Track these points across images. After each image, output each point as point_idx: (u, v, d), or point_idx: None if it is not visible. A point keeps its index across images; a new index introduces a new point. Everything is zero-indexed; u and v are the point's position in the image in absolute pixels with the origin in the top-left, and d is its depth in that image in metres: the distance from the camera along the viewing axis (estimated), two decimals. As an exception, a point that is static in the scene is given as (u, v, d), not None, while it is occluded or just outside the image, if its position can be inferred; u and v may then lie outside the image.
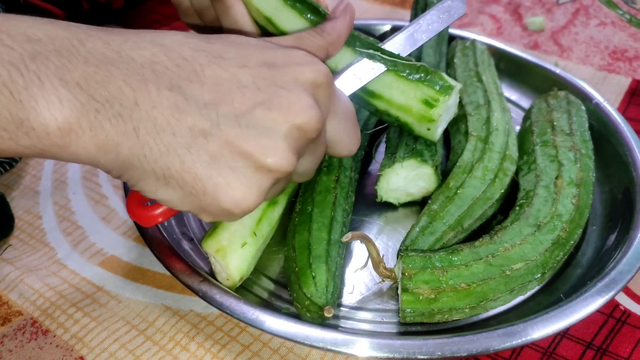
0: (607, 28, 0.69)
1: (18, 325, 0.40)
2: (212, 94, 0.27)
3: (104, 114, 0.26)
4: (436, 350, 0.32)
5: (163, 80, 0.27)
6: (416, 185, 0.44)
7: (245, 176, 0.28)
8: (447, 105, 0.41)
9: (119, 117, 0.26)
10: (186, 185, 0.27)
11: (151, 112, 0.26)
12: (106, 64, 0.26)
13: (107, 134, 0.26)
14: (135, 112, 0.26)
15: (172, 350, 0.38)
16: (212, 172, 0.27)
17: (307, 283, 0.35)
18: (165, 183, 0.28)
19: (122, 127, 0.26)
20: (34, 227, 0.48)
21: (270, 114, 0.28)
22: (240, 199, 0.28)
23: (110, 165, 0.27)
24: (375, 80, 0.41)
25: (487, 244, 0.37)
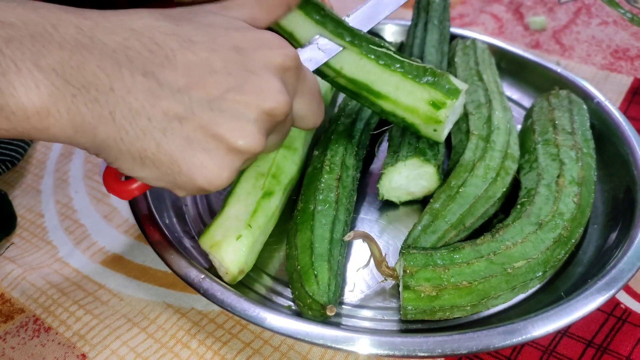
0: (609, 27, 0.69)
1: (20, 323, 0.40)
2: (184, 79, 0.28)
3: (80, 98, 0.27)
4: (437, 347, 0.32)
5: (136, 66, 0.28)
6: (418, 184, 0.44)
7: (218, 157, 0.30)
8: (454, 107, 0.41)
9: (95, 102, 0.27)
10: (162, 166, 0.29)
11: (126, 97, 0.27)
12: (80, 49, 0.27)
13: (84, 118, 0.27)
14: (110, 97, 0.27)
15: (174, 348, 0.38)
16: (187, 154, 0.29)
17: (309, 281, 0.35)
18: (142, 163, 0.29)
19: (98, 111, 0.27)
20: (36, 225, 0.48)
21: (241, 99, 0.29)
22: (214, 178, 0.30)
23: (88, 145, 0.28)
24: (382, 81, 0.41)
25: (488, 242, 0.37)
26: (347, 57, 0.41)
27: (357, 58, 0.41)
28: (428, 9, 0.57)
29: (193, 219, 0.45)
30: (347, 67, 0.41)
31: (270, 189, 0.41)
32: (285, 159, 0.44)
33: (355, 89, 0.42)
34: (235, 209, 0.39)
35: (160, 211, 0.42)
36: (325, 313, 0.34)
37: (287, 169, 0.44)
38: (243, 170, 0.43)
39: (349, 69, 0.41)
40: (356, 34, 0.41)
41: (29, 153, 0.56)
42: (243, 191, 0.41)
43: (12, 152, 0.52)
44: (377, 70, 0.41)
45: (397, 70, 0.41)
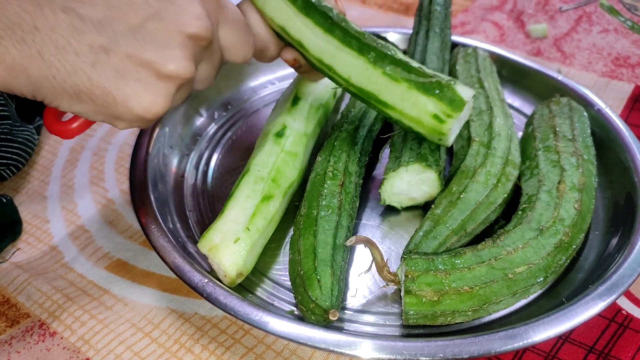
0: (610, 35, 0.70)
1: (26, 327, 0.40)
2: (105, 12, 0.29)
3: (7, 40, 0.27)
4: (438, 352, 0.32)
5: (56, 3, 0.28)
6: (419, 189, 0.45)
7: (150, 84, 0.31)
8: (459, 119, 0.41)
9: (22, 42, 0.28)
10: (97, 99, 0.30)
11: (51, 35, 0.28)
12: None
13: (14, 59, 0.28)
14: (36, 36, 0.28)
15: (177, 353, 0.38)
16: (119, 85, 0.30)
17: (313, 286, 0.36)
18: (78, 99, 0.30)
19: (27, 52, 0.28)
20: (41, 231, 0.49)
21: (162, 26, 0.31)
22: (149, 104, 0.31)
23: (24, 88, 0.29)
24: (388, 91, 0.41)
25: (490, 247, 0.37)
26: (354, 66, 0.42)
27: (364, 67, 0.41)
28: (429, 17, 0.57)
29: (196, 224, 0.46)
30: (354, 77, 0.42)
31: (269, 192, 0.42)
32: (286, 164, 0.44)
33: (365, 97, 0.43)
34: (234, 212, 0.40)
35: (164, 217, 0.43)
36: (328, 318, 0.35)
37: (287, 173, 0.44)
38: (242, 175, 0.43)
39: (356, 79, 0.42)
40: (364, 43, 0.41)
41: (34, 159, 0.56)
42: (242, 195, 0.41)
43: (15, 156, 0.52)
44: (382, 81, 0.41)
45: (402, 81, 0.40)
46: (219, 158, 0.53)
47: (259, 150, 0.45)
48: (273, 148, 0.45)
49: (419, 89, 0.40)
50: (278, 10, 0.42)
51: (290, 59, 0.44)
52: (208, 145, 0.54)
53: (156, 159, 0.48)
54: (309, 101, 0.50)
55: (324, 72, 0.44)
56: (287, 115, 0.48)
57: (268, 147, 0.45)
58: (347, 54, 0.41)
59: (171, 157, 0.51)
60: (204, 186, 0.50)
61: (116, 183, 0.53)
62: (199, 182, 0.50)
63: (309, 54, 0.43)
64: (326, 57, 0.42)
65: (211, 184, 0.50)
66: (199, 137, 0.55)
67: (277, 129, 0.47)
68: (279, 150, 0.45)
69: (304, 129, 0.48)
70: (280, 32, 0.43)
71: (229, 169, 0.52)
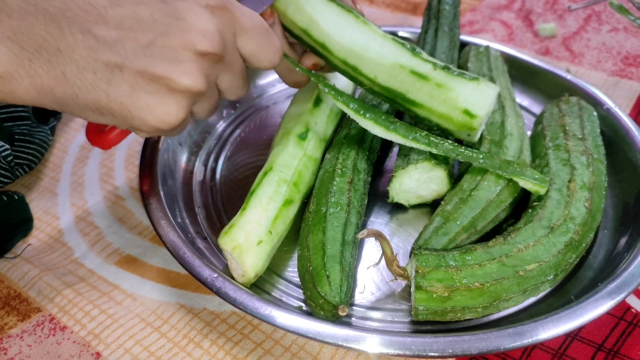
0: (619, 34, 0.70)
1: (37, 322, 0.41)
2: (117, 32, 0.31)
3: (35, 62, 0.30)
4: (447, 347, 0.32)
5: (75, 26, 0.30)
6: (428, 187, 0.45)
7: (162, 97, 0.33)
8: (488, 113, 0.42)
9: (48, 64, 0.30)
10: (116, 113, 0.32)
11: (72, 56, 0.30)
12: (27, 17, 0.29)
13: (42, 80, 0.30)
14: (60, 57, 0.30)
15: (186, 347, 0.38)
16: (134, 99, 0.32)
17: (322, 282, 0.36)
18: (100, 113, 0.32)
19: (53, 72, 0.30)
20: (52, 227, 0.49)
21: (170, 43, 0.32)
22: (163, 116, 0.33)
23: (52, 105, 0.31)
24: (416, 90, 0.42)
25: (500, 244, 0.37)
26: (382, 66, 0.42)
27: (391, 67, 0.42)
28: (438, 16, 0.57)
29: (205, 220, 0.46)
30: (380, 76, 0.42)
31: (291, 197, 0.42)
32: (307, 168, 0.45)
33: (390, 96, 0.43)
34: (256, 212, 0.40)
35: (173, 212, 0.43)
36: (337, 313, 0.35)
37: (306, 178, 0.44)
38: (264, 172, 0.43)
39: (382, 78, 0.42)
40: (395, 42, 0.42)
41: (46, 157, 0.57)
42: (265, 195, 0.41)
43: (30, 157, 0.53)
44: (410, 80, 0.42)
45: (430, 79, 0.41)
46: (227, 155, 0.53)
47: (282, 149, 0.45)
48: (296, 150, 0.45)
49: (448, 86, 0.41)
50: (301, 13, 0.42)
51: (310, 65, 0.45)
52: (217, 142, 0.54)
53: (165, 155, 0.48)
54: (329, 105, 0.50)
55: (347, 73, 0.44)
56: (309, 117, 0.48)
57: (291, 149, 0.45)
58: (376, 53, 0.42)
59: (180, 154, 0.51)
60: (212, 183, 0.50)
61: (126, 180, 0.54)
62: (208, 179, 0.50)
63: (332, 56, 0.43)
64: (351, 58, 0.43)
65: (219, 181, 0.50)
66: (207, 134, 0.55)
67: (300, 130, 0.47)
68: (301, 154, 0.45)
69: (324, 133, 0.49)
70: (302, 35, 0.43)
71: (237, 166, 0.52)
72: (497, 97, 0.42)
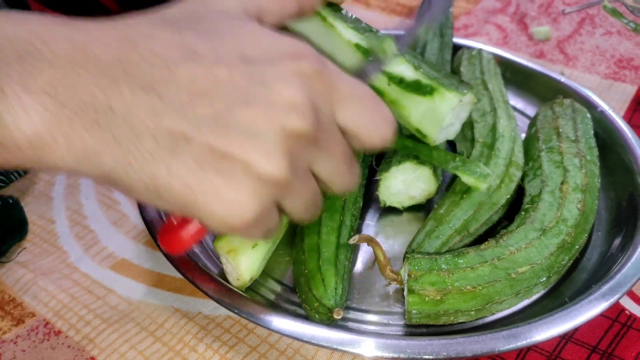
0: (613, 37, 0.70)
1: (31, 326, 0.41)
2: (188, 94, 0.25)
3: (77, 122, 0.24)
4: (442, 350, 0.32)
5: (136, 81, 0.25)
6: (417, 187, 0.45)
7: (233, 179, 0.25)
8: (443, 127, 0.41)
9: (95, 125, 0.24)
10: (178, 195, 0.25)
11: (128, 118, 0.24)
12: (73, 66, 0.24)
13: (86, 144, 0.24)
14: (111, 117, 0.24)
15: (181, 351, 0.38)
16: (200, 177, 0.25)
17: (317, 285, 0.36)
18: (157, 194, 0.26)
19: (100, 135, 0.24)
20: (47, 231, 0.49)
21: (249, 112, 0.25)
22: (233, 205, 0.26)
23: (96, 174, 0.26)
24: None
25: (492, 247, 0.37)
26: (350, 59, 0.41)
27: None
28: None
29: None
30: None
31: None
32: None
33: None
34: None
35: (168, 217, 0.43)
36: (332, 317, 0.35)
37: None
38: None
39: None
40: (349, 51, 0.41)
41: (41, 161, 0.57)
42: None
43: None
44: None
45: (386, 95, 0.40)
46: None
47: None
48: None
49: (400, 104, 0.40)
50: None
51: None
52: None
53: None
54: None
55: None
56: None
57: None
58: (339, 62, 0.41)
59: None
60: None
61: (121, 184, 0.54)
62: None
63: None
64: None
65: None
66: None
67: None
68: None
69: None
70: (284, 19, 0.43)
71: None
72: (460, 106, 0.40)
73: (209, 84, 0.26)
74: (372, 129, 0.30)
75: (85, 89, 0.24)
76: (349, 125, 0.29)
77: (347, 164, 0.30)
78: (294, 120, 0.26)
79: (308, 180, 0.29)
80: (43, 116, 0.23)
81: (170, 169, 0.25)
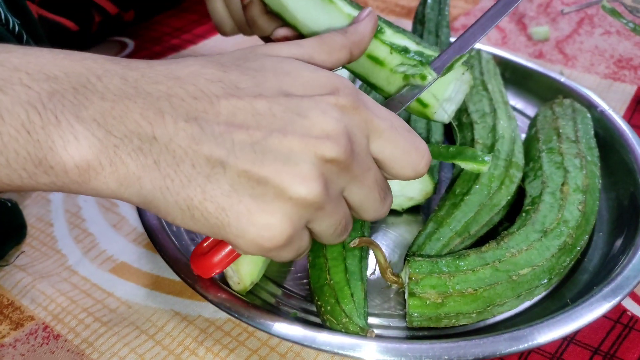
0: (612, 37, 0.70)
1: (30, 330, 0.40)
2: (227, 123, 0.27)
3: (123, 149, 0.26)
4: (443, 353, 0.32)
5: (179, 112, 0.27)
6: (413, 187, 0.44)
7: (266, 203, 0.27)
8: (447, 99, 0.40)
9: (138, 152, 0.26)
10: (210, 216, 0.27)
11: (169, 145, 0.26)
12: (123, 99, 0.26)
13: (128, 169, 0.26)
14: (154, 145, 0.26)
15: (181, 355, 0.38)
16: (233, 201, 0.27)
17: (345, 300, 0.35)
18: (191, 215, 0.27)
19: (142, 161, 0.26)
20: (45, 234, 0.49)
21: (286, 140, 0.27)
22: (264, 226, 0.27)
23: (134, 199, 0.27)
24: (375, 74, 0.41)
25: (493, 249, 0.37)
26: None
27: None
28: (424, 21, 0.58)
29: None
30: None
31: None
32: None
33: (358, 78, 0.43)
34: None
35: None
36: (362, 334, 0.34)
37: None
38: None
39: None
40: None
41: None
42: None
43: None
44: (368, 64, 0.41)
45: (386, 64, 0.40)
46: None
47: None
48: None
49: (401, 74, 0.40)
50: None
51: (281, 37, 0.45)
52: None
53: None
54: None
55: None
56: None
57: None
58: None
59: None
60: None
61: (120, 186, 0.53)
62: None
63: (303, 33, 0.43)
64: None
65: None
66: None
67: None
68: None
69: None
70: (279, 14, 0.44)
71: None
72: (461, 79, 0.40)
73: (248, 116, 0.27)
74: (405, 160, 0.31)
75: (132, 119, 0.26)
76: (383, 156, 0.31)
77: (379, 193, 0.31)
78: (329, 147, 0.27)
79: (340, 204, 0.30)
80: (91, 142, 0.25)
81: (205, 192, 0.27)
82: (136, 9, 0.77)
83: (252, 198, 0.27)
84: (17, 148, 0.25)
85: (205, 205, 0.27)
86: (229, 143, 0.27)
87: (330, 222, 0.30)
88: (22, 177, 0.26)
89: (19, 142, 0.25)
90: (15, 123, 0.25)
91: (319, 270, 0.38)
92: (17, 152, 0.25)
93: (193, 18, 0.83)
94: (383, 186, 0.32)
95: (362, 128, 0.29)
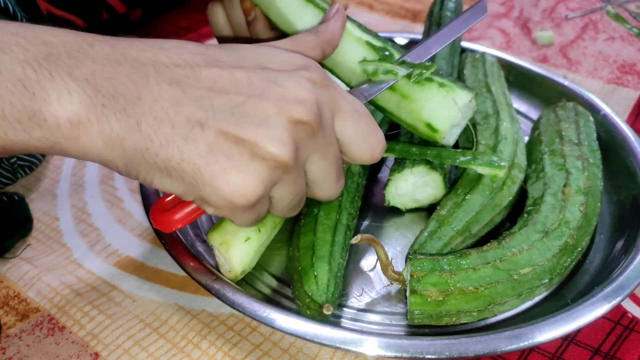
0: (616, 42, 0.70)
1: (36, 321, 0.41)
2: (208, 88, 0.29)
3: (109, 108, 0.28)
4: (444, 350, 0.32)
5: (163, 77, 0.29)
6: (424, 191, 0.45)
7: (242, 163, 0.29)
8: (456, 124, 0.42)
9: (123, 112, 0.28)
10: (186, 176, 0.29)
11: (152, 106, 0.28)
12: (112, 63, 0.28)
13: (113, 128, 0.28)
14: (137, 106, 0.28)
15: (185, 348, 0.39)
16: (209, 161, 0.28)
17: (309, 281, 0.36)
18: (169, 175, 0.29)
19: (126, 122, 0.28)
20: (51, 228, 0.49)
21: (262, 104, 0.29)
22: (238, 185, 0.29)
23: (117, 160, 0.29)
24: (384, 99, 0.42)
25: (495, 248, 0.38)
26: (352, 72, 0.42)
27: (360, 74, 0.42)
28: (440, 23, 0.58)
29: (204, 223, 0.46)
30: (354, 82, 0.43)
31: None
32: None
33: None
34: None
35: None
36: (322, 312, 0.35)
37: None
38: None
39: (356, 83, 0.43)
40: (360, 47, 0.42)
41: (47, 158, 0.57)
42: None
43: (32, 158, 0.53)
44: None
45: (397, 89, 0.41)
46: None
47: None
48: None
49: (412, 97, 0.41)
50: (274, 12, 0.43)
51: None
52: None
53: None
54: None
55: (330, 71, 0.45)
56: None
57: None
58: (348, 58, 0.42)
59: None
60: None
61: (125, 182, 0.54)
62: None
63: None
64: (326, 61, 0.43)
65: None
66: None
67: None
68: None
69: None
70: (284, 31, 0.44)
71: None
72: (468, 105, 0.41)
73: (228, 83, 0.30)
74: (363, 144, 0.34)
75: (119, 81, 0.28)
76: (344, 136, 0.33)
77: (336, 172, 0.34)
78: (300, 110, 0.30)
79: (302, 175, 0.32)
80: (82, 98, 0.27)
81: (183, 152, 0.28)
82: (144, 8, 0.78)
83: (227, 158, 0.28)
84: (12, 100, 0.27)
85: (182, 166, 0.28)
86: (209, 106, 0.29)
87: (290, 190, 0.32)
88: (17, 129, 0.27)
89: (15, 95, 0.27)
90: (12, 77, 0.26)
91: (292, 261, 0.39)
92: (12, 104, 0.27)
93: (199, 17, 0.84)
94: (339, 166, 0.34)
95: (330, 104, 0.32)
